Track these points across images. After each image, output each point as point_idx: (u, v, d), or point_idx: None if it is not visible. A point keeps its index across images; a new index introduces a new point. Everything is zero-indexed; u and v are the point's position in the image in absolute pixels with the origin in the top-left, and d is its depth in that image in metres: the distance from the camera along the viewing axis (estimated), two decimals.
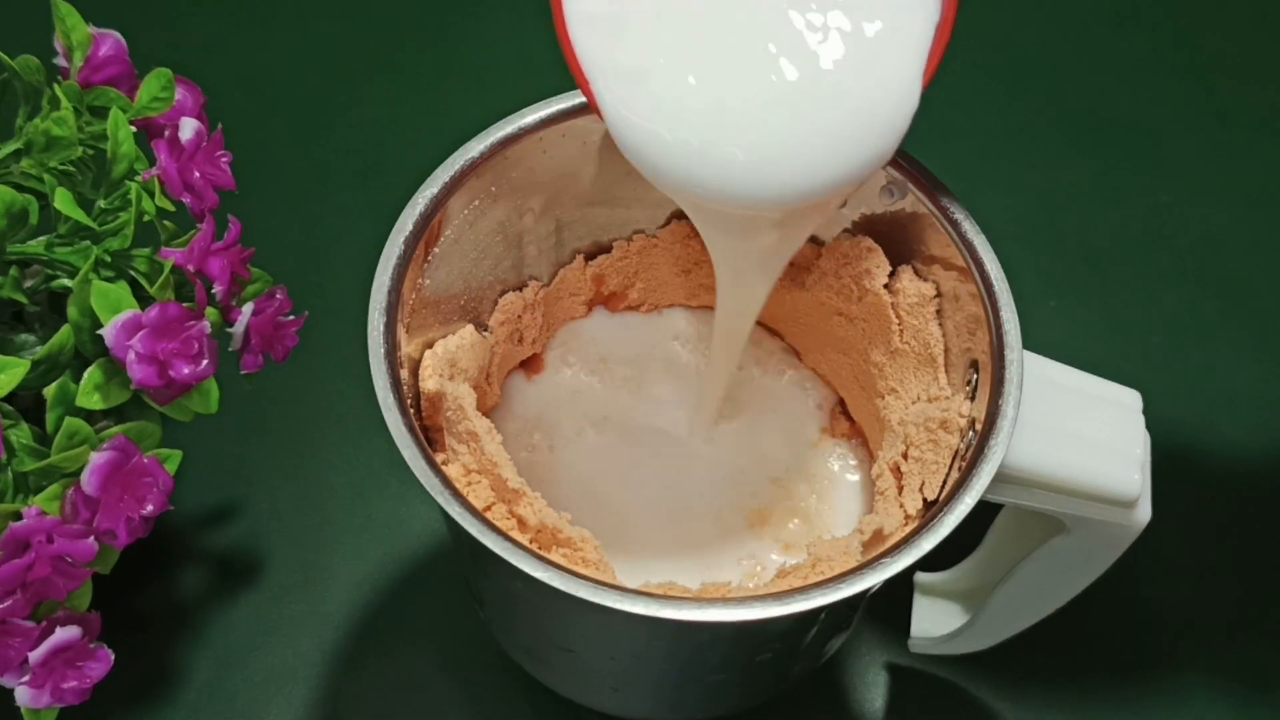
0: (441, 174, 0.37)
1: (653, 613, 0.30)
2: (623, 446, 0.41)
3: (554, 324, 0.43)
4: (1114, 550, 0.37)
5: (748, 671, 0.38)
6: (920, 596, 0.44)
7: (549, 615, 0.36)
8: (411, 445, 0.32)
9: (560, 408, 0.42)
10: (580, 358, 0.43)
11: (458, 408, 0.36)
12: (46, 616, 0.36)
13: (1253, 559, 0.49)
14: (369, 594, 0.47)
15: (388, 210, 0.36)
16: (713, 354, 0.40)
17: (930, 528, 0.31)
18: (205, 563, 0.48)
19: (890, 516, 0.36)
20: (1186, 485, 0.50)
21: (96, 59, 0.40)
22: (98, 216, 0.38)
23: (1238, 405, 0.53)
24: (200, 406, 0.38)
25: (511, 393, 0.42)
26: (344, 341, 0.51)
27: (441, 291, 0.38)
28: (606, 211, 0.42)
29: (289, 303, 0.41)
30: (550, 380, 0.42)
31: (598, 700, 0.41)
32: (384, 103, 0.62)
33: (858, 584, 0.31)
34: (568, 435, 0.41)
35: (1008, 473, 0.33)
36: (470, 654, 0.45)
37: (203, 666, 0.45)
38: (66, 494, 0.35)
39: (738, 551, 0.39)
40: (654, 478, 0.40)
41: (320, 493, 0.49)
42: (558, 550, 0.34)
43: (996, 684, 0.45)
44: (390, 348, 0.34)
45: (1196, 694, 0.46)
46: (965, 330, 0.36)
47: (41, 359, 0.36)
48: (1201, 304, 0.56)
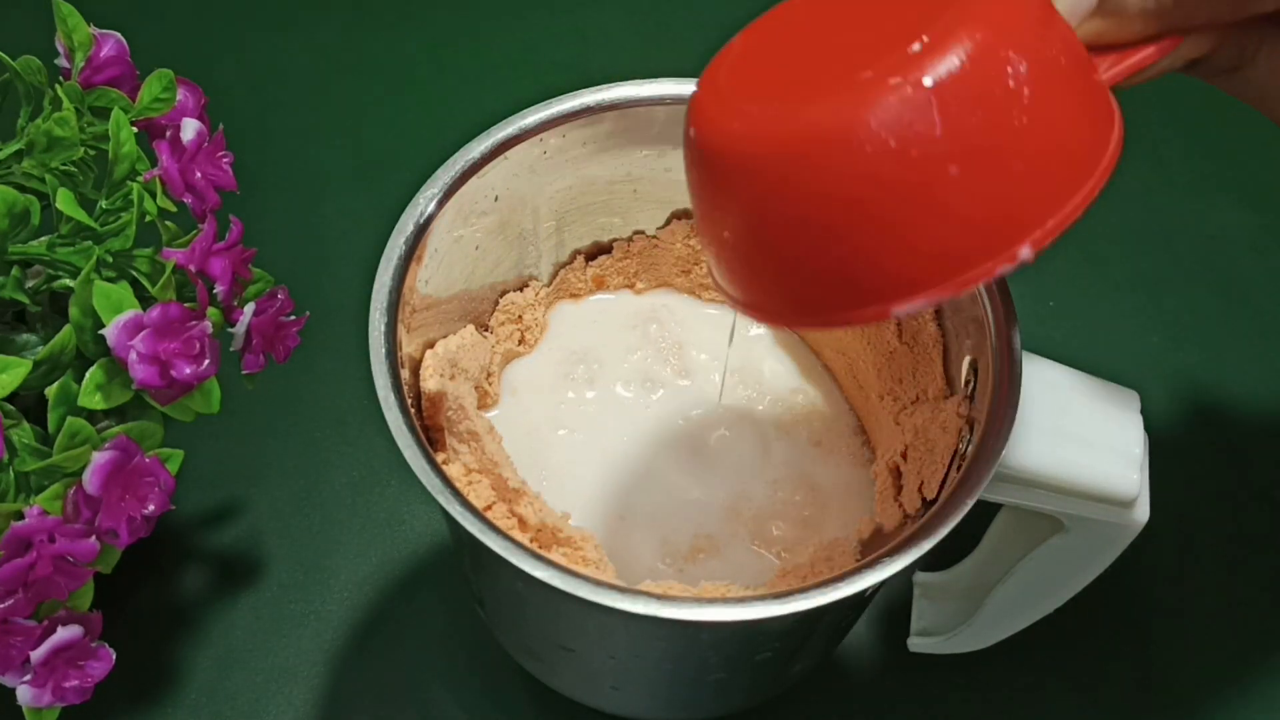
0: (442, 174, 0.37)
1: (653, 612, 0.30)
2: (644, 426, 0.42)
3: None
4: (1113, 550, 0.37)
5: (747, 671, 0.38)
6: (920, 596, 0.44)
7: (549, 615, 0.36)
8: (412, 445, 0.32)
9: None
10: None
11: (459, 407, 0.36)
12: (48, 616, 0.36)
13: (1251, 559, 0.49)
14: (369, 594, 0.47)
15: (388, 210, 0.36)
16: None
17: (930, 528, 0.31)
18: (206, 562, 0.48)
19: (889, 516, 0.36)
20: (1186, 485, 0.50)
21: (98, 60, 0.40)
22: (99, 217, 0.38)
23: (1238, 405, 0.53)
24: (202, 406, 0.38)
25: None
26: (345, 341, 0.51)
27: (442, 292, 0.38)
28: (606, 212, 0.42)
29: (290, 303, 0.41)
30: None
31: (598, 700, 0.41)
32: (384, 103, 0.62)
33: (857, 584, 0.31)
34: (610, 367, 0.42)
35: (1007, 473, 0.33)
36: (470, 654, 0.46)
37: (203, 666, 0.45)
38: (68, 494, 0.35)
39: (738, 551, 0.39)
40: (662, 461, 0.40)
41: (321, 493, 0.49)
42: (558, 550, 0.35)
43: (996, 683, 0.45)
44: (391, 348, 0.34)
45: (1196, 693, 0.46)
46: (965, 330, 0.36)
47: (43, 359, 0.36)
48: (1201, 304, 0.56)
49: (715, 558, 0.38)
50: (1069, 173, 0.29)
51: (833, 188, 0.28)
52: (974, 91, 0.27)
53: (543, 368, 0.42)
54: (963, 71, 0.27)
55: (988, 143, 0.28)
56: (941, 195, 0.27)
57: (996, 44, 0.28)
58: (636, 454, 0.40)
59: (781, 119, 0.28)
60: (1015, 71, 0.28)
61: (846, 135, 0.27)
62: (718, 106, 0.30)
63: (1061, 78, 0.29)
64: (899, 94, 0.27)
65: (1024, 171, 0.28)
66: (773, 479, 0.40)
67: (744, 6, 0.31)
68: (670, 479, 0.40)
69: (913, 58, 0.27)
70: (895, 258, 0.28)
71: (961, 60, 0.27)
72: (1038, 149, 0.28)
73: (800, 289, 0.30)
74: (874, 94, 0.27)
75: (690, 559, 0.38)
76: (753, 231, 0.30)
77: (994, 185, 0.28)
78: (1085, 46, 0.31)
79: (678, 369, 0.42)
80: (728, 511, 0.39)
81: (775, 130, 0.28)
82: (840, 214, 0.28)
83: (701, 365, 0.42)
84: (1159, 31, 0.31)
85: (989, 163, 0.28)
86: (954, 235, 0.28)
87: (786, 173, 0.28)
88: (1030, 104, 0.28)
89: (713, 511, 0.39)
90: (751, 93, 0.30)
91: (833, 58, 0.29)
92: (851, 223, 0.28)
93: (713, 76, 0.31)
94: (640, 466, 0.40)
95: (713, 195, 0.31)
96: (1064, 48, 0.29)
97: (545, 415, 0.41)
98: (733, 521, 0.39)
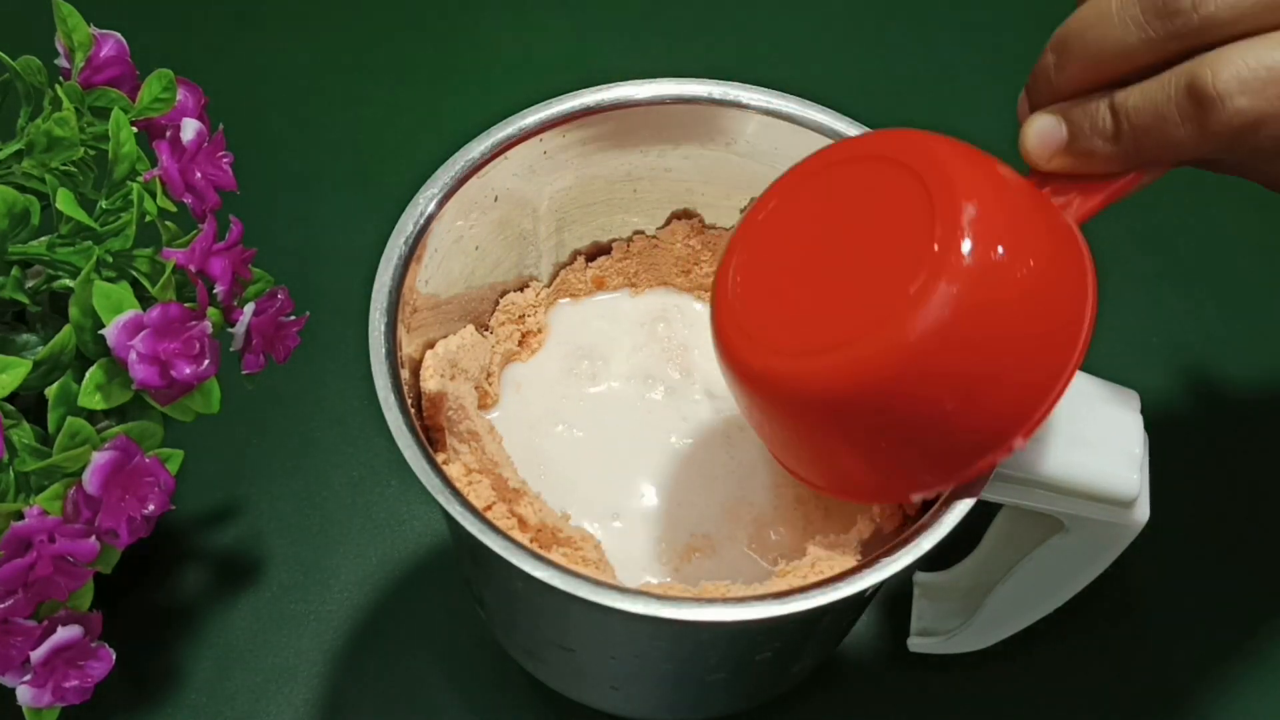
0: (442, 174, 0.37)
1: (653, 613, 0.30)
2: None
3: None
4: (1113, 550, 0.37)
5: (747, 671, 0.38)
6: (920, 596, 0.44)
7: (549, 615, 0.36)
8: (412, 445, 0.32)
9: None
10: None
11: (459, 407, 0.36)
12: (48, 616, 0.36)
13: (1252, 559, 0.49)
14: (369, 594, 0.47)
15: (388, 211, 0.36)
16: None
17: (930, 528, 0.32)
18: (206, 562, 0.48)
19: (889, 516, 0.36)
20: (1186, 485, 0.50)
21: (98, 60, 0.40)
22: (99, 217, 0.38)
23: (1237, 405, 0.53)
24: (202, 406, 0.38)
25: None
26: (345, 342, 0.51)
27: (442, 292, 0.38)
28: (606, 212, 0.42)
29: (290, 303, 0.41)
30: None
31: (598, 700, 0.41)
32: (384, 103, 0.62)
33: (857, 584, 0.31)
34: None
35: (1007, 473, 0.33)
36: (470, 654, 0.46)
37: (203, 666, 0.45)
38: (68, 494, 0.35)
39: (734, 553, 0.39)
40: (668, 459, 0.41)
41: (321, 492, 0.49)
42: (558, 550, 0.35)
43: (996, 683, 0.45)
44: (391, 348, 0.34)
45: (1196, 693, 0.46)
46: None
47: (43, 359, 0.36)
48: (1201, 304, 0.56)
49: (711, 558, 0.38)
50: (1056, 357, 0.31)
51: (866, 419, 0.31)
52: (982, 304, 0.29)
53: (546, 363, 0.42)
54: (970, 290, 0.29)
55: (995, 351, 0.30)
56: (958, 410, 0.30)
57: (990, 248, 0.29)
58: (637, 453, 0.40)
59: (820, 366, 0.30)
60: (1010, 267, 0.30)
61: (879, 379, 0.30)
62: (751, 350, 0.32)
63: (1044, 252, 0.31)
64: (925, 333, 0.29)
65: (1020, 370, 0.30)
66: (774, 483, 0.40)
67: (744, 6, 0.32)
68: (670, 479, 0.40)
69: (923, 288, 0.29)
70: (917, 466, 0.32)
71: (969, 275, 0.29)
72: (1035, 344, 0.30)
73: (828, 477, 0.35)
74: (903, 336, 0.29)
75: (686, 559, 0.38)
76: (795, 442, 0.34)
77: (999, 394, 0.30)
78: (1055, 178, 0.33)
79: (681, 368, 0.42)
80: (727, 513, 0.39)
81: (815, 380, 0.31)
82: (870, 438, 0.32)
83: (705, 367, 0.42)
84: (1123, 170, 0.33)
85: (996, 369, 0.30)
86: (965, 441, 0.31)
87: (828, 410, 0.31)
88: (1025, 294, 0.30)
89: (711, 512, 0.39)
90: (781, 331, 0.32)
91: (842, 286, 0.31)
92: (880, 444, 0.32)
93: (730, 311, 0.33)
94: (640, 465, 0.40)
95: (755, 414, 0.34)
96: (1037, 218, 0.31)
97: (547, 410, 0.41)
98: (731, 523, 0.39)
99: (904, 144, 0.32)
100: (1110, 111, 0.32)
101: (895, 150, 0.32)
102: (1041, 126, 0.33)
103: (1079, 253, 0.32)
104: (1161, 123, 0.31)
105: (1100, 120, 0.32)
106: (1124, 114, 0.32)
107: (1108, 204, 0.33)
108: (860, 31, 0.67)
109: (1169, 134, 0.31)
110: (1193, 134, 0.30)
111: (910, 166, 0.31)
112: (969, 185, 0.30)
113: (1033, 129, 0.33)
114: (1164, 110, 0.31)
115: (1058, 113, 0.33)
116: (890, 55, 0.66)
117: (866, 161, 0.33)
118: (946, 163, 0.30)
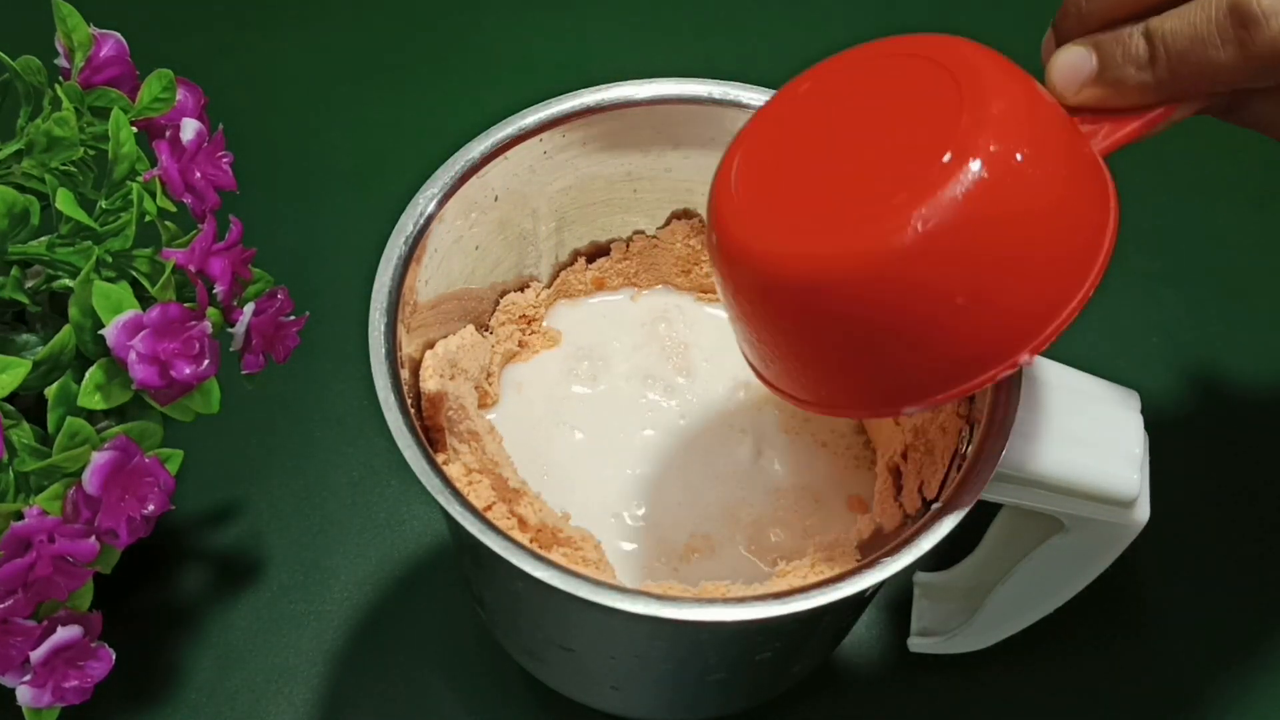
0: (442, 174, 0.37)
1: (653, 613, 0.30)
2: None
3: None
4: (1113, 550, 0.37)
5: (747, 671, 0.38)
6: (920, 596, 0.44)
7: (549, 615, 0.36)
8: (412, 445, 0.32)
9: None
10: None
11: (459, 407, 0.36)
12: (48, 616, 0.36)
13: (1252, 559, 0.49)
14: (369, 594, 0.47)
15: (388, 211, 0.36)
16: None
17: (930, 528, 0.31)
18: (206, 562, 0.48)
19: (889, 516, 0.36)
20: (1186, 485, 0.50)
21: (98, 60, 0.40)
22: (99, 217, 0.38)
23: (1237, 405, 0.53)
24: (201, 406, 0.38)
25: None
26: (345, 342, 0.51)
27: (442, 292, 0.38)
28: (606, 212, 0.42)
29: (290, 303, 0.41)
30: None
31: (598, 700, 0.41)
32: (384, 103, 0.62)
33: (857, 584, 0.31)
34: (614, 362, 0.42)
35: (1007, 473, 0.33)
36: (470, 654, 0.46)
37: (203, 666, 0.45)
38: (68, 494, 0.35)
39: (733, 553, 0.39)
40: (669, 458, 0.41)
41: (321, 493, 0.49)
42: (558, 550, 0.35)
43: (996, 683, 0.45)
44: (391, 348, 0.34)
45: (1197, 693, 0.46)
46: None
47: (43, 359, 0.36)
48: (1201, 304, 0.56)
49: (711, 558, 0.38)
50: (1070, 276, 0.29)
51: (865, 312, 0.29)
52: (994, 211, 0.28)
53: (547, 363, 0.42)
54: (985, 192, 0.27)
55: (1005, 258, 0.28)
56: (960, 315, 0.28)
57: (1012, 153, 0.28)
58: (637, 453, 0.40)
59: (815, 250, 0.29)
60: (1031, 179, 0.28)
61: (882, 267, 0.28)
62: (745, 227, 0.30)
63: (1064, 172, 0.29)
64: (933, 224, 0.27)
65: (1031, 283, 0.29)
66: (774, 484, 0.40)
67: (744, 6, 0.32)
68: (670, 479, 0.40)
69: (941, 174, 0.27)
70: (911, 371, 0.30)
71: (986, 178, 0.27)
72: (1047, 256, 0.29)
73: (819, 388, 0.32)
74: (910, 225, 0.27)
75: (685, 559, 0.38)
76: (783, 340, 0.31)
77: (1005, 300, 0.29)
78: (1081, 111, 0.32)
79: (680, 368, 0.42)
80: (726, 513, 0.39)
81: (811, 262, 0.29)
82: (868, 334, 0.29)
83: (704, 367, 0.42)
84: (1156, 101, 0.31)
85: (1005, 278, 0.28)
86: (966, 350, 0.29)
87: (820, 299, 0.29)
88: (1043, 209, 0.29)
89: (711, 512, 0.39)
90: (777, 214, 0.30)
91: (851, 172, 0.30)
92: (876, 342, 0.29)
93: (728, 187, 0.31)
94: (640, 465, 0.40)
95: (742, 304, 0.32)
96: (1063, 137, 0.30)
97: (547, 409, 0.41)
98: (730, 524, 0.39)
99: (938, 44, 0.31)
100: (1145, 37, 0.31)
101: (928, 49, 0.31)
102: (1070, 57, 0.32)
103: (1103, 179, 0.31)
104: (1200, 46, 0.30)
105: (1134, 47, 0.31)
106: (1159, 38, 0.30)
107: (1133, 139, 0.32)
108: (860, 31, 0.67)
109: (1208, 58, 0.30)
110: (1233, 57, 0.29)
111: (942, 63, 0.30)
112: (1002, 84, 0.29)
113: (1060, 59, 0.32)
114: (1203, 32, 0.30)
115: (1087, 43, 0.32)
116: None
117: (896, 58, 0.32)
118: (980, 63, 0.29)
